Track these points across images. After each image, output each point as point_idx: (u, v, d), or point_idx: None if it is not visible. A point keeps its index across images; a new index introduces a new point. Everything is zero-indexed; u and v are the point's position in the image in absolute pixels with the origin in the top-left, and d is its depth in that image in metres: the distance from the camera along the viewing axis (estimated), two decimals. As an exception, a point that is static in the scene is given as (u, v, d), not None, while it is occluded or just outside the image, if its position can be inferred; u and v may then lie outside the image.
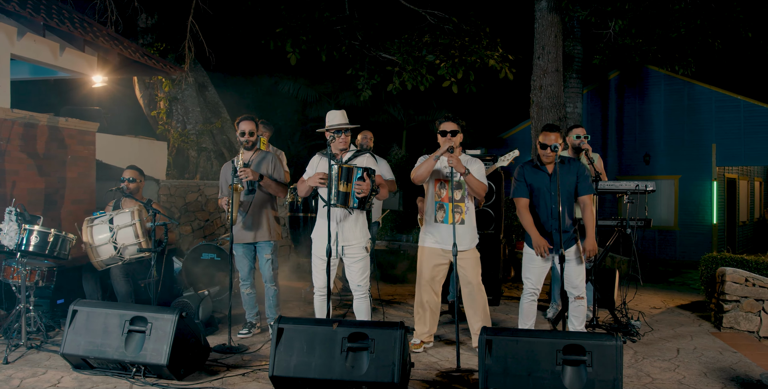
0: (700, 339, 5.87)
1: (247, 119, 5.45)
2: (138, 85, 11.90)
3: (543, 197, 5.11)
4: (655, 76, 15.24)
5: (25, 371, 4.61)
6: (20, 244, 5.00)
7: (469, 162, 5.07)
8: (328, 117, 5.02)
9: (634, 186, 5.87)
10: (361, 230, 4.96)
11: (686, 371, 4.88)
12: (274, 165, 5.50)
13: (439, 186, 5.14)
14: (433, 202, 5.16)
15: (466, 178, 4.91)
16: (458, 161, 4.84)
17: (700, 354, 5.37)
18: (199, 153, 11.31)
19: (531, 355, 4.05)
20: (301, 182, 5.08)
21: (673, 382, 4.61)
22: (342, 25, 11.31)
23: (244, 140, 5.42)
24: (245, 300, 5.70)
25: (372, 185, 4.74)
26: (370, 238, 5.07)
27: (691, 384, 4.56)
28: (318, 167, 5.04)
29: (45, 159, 7.31)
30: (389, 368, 4.09)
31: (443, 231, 5.08)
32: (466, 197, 5.10)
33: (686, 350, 5.48)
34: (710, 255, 6.89)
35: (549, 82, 11.09)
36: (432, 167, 4.97)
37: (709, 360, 5.17)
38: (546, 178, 5.09)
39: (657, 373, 4.81)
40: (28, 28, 6.89)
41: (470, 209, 5.15)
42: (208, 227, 9.43)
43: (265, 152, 5.58)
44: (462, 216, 5.04)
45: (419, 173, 5.00)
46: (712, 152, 14.70)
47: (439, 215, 5.11)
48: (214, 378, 4.53)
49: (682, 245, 14.97)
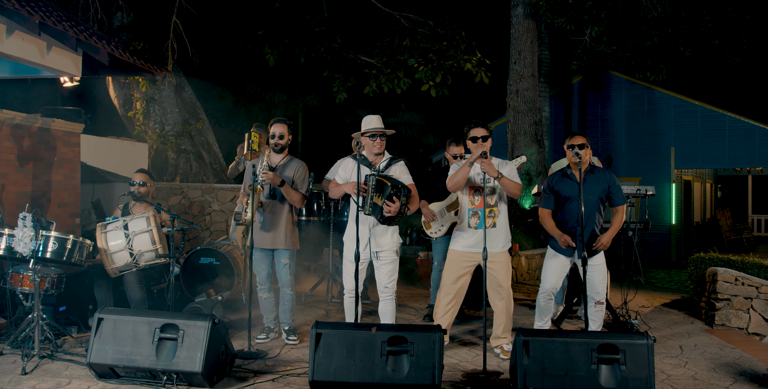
0: (698, 336, 6.14)
1: (280, 121, 5.40)
2: (112, 85, 11.60)
3: (571, 204, 5.20)
4: (617, 81, 15.73)
5: (48, 382, 4.48)
6: (36, 251, 4.84)
7: (500, 165, 5.14)
8: (364, 122, 5.04)
9: (635, 190, 6.10)
10: (392, 235, 5.00)
11: (696, 367, 5.11)
12: (300, 175, 5.43)
13: (472, 194, 5.21)
14: (466, 210, 5.21)
15: (501, 181, 4.96)
16: (491, 166, 4.88)
17: (703, 350, 5.62)
18: (179, 155, 11.12)
19: (567, 355, 4.18)
20: (335, 185, 5.08)
21: (688, 378, 4.83)
22: (321, 27, 11.30)
23: (274, 143, 5.36)
24: (263, 305, 5.65)
25: (401, 209, 4.75)
26: (400, 242, 5.11)
27: (704, 380, 4.79)
28: (352, 172, 4.99)
29: (33, 161, 7.10)
30: (429, 370, 4.16)
31: (475, 235, 5.14)
32: (500, 202, 5.20)
33: (688, 347, 5.73)
34: (699, 255, 7.21)
35: (525, 87, 11.37)
36: (468, 174, 5.02)
37: (713, 356, 5.42)
38: (575, 186, 5.13)
39: (670, 369, 5.02)
40: (20, 26, 6.64)
41: (503, 212, 5.23)
42: (192, 231, 9.27)
43: (296, 160, 5.51)
44: (494, 220, 5.13)
45: (456, 181, 5.05)
46: (671, 155, 15.29)
47: (472, 222, 5.17)
48: (245, 385, 4.51)
49: (643, 245, 15.50)
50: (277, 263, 5.51)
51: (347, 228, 5.16)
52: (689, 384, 4.67)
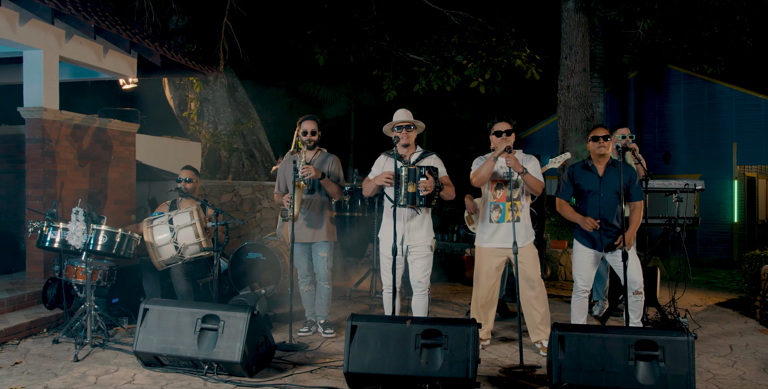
0: (750, 336, 5.93)
1: (309, 118, 5.53)
2: (168, 86, 11.99)
3: (592, 197, 5.22)
4: (675, 75, 15.29)
5: (98, 369, 4.69)
6: (88, 243, 5.07)
7: (525, 161, 5.13)
8: (394, 117, 5.10)
9: (684, 185, 5.94)
10: (427, 229, 5.03)
11: (745, 367, 4.94)
12: (335, 167, 5.58)
13: (495, 187, 5.20)
14: (488, 202, 5.22)
15: (524, 177, 4.98)
16: (516, 161, 4.90)
17: (754, 350, 5.43)
18: (231, 153, 11.40)
19: (603, 351, 4.11)
20: (367, 181, 5.15)
21: (735, 378, 4.67)
22: (370, 26, 11.39)
23: (306, 139, 5.50)
24: (304, 298, 5.77)
25: (435, 183, 4.81)
26: (434, 237, 5.13)
27: (753, 380, 4.62)
28: (384, 167, 5.11)
29: (90, 160, 7.40)
30: (463, 364, 4.15)
31: (500, 230, 5.15)
32: (522, 196, 5.17)
33: (739, 346, 5.54)
34: (754, 253, 6.95)
35: (576, 82, 11.17)
36: (492, 168, 5.04)
37: (764, 356, 5.23)
38: (596, 179, 5.20)
39: (716, 369, 4.87)
40: (78, 31, 6.96)
41: (525, 207, 5.22)
42: (243, 227, 9.50)
43: (326, 154, 5.66)
44: (518, 214, 5.10)
45: (481, 176, 5.07)
46: (733, 150, 14.74)
47: (494, 215, 5.18)
48: (284, 375, 4.60)
49: (703, 244, 15.02)
50: (315, 256, 5.61)
51: (382, 225, 5.21)
52: (735, 384, 4.52)
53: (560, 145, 11.63)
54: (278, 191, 5.77)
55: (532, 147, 16.47)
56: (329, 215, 5.64)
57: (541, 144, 16.52)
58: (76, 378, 4.45)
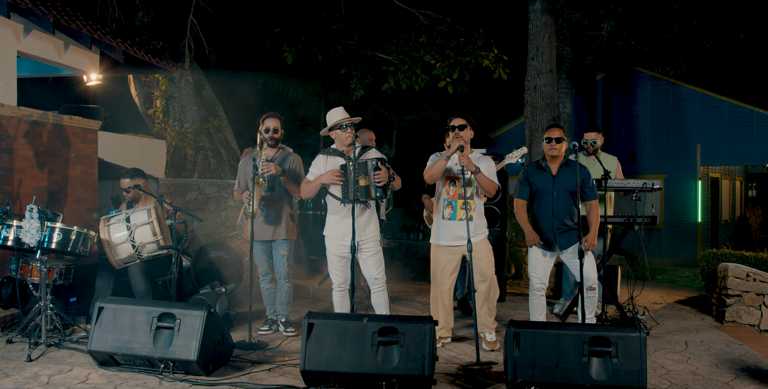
0: (706, 333, 6.04)
1: (272, 116, 5.50)
2: (133, 84, 11.83)
3: (545, 197, 5.29)
4: (642, 77, 15.49)
5: (51, 368, 4.61)
6: (42, 241, 4.99)
7: (480, 160, 5.15)
8: (329, 116, 5.05)
9: (642, 184, 6.03)
10: (374, 225, 5.05)
11: (698, 362, 5.03)
12: (297, 165, 5.57)
13: (448, 184, 5.21)
14: (441, 198, 5.24)
15: (477, 176, 4.99)
16: (469, 160, 4.90)
17: (708, 346, 5.53)
18: (197, 151, 11.30)
19: (558, 347, 4.16)
20: (306, 182, 5.09)
21: (688, 373, 4.76)
22: (339, 25, 11.37)
23: (269, 137, 5.46)
24: (265, 296, 5.74)
25: (389, 173, 4.82)
26: (381, 232, 5.14)
27: (705, 375, 4.71)
28: (327, 166, 5.04)
29: (50, 157, 7.27)
30: (420, 361, 4.17)
31: (453, 228, 5.17)
32: (475, 195, 5.19)
33: (694, 343, 5.65)
34: (710, 251, 7.09)
35: (543, 83, 11.25)
36: (444, 167, 5.06)
37: (717, 352, 5.33)
38: (549, 178, 5.28)
39: (671, 365, 4.96)
40: (36, 26, 6.84)
41: (478, 205, 5.25)
42: (208, 226, 9.42)
43: (288, 152, 5.64)
44: (470, 213, 5.11)
45: (432, 173, 5.09)
46: (697, 151, 14.99)
47: (446, 212, 5.20)
48: (241, 374, 4.57)
49: (668, 244, 15.25)
50: (275, 254, 5.59)
51: (327, 224, 5.13)
52: (688, 379, 4.60)
53: (527, 145, 11.72)
54: (238, 188, 5.74)
55: (501, 147, 16.55)
56: (289, 212, 5.62)
57: (510, 144, 16.58)
58: (27, 378, 4.38)
